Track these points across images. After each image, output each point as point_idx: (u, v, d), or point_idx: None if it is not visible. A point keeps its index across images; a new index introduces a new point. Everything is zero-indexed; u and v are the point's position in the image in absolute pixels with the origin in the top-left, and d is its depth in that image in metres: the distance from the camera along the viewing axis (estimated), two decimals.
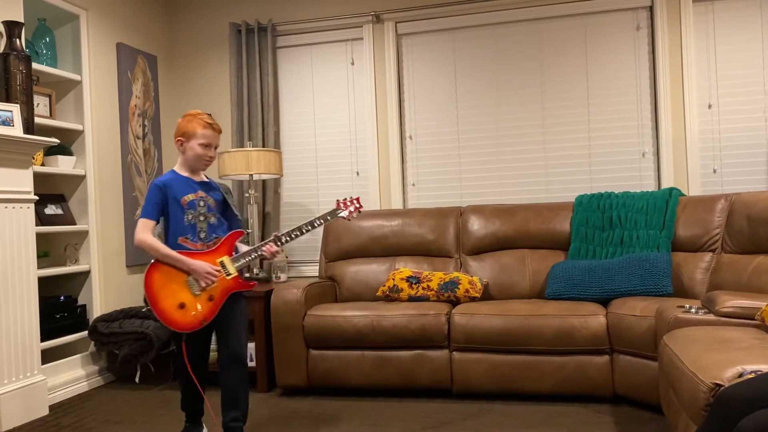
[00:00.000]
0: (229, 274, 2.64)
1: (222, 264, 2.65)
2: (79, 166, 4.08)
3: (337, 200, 2.90)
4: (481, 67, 4.45)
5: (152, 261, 2.63)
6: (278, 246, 2.73)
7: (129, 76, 4.48)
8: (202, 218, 2.67)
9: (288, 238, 2.76)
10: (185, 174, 2.74)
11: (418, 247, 4.12)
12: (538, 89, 4.35)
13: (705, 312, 2.66)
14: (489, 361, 3.36)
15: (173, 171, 2.76)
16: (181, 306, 2.58)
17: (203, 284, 2.59)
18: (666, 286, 3.34)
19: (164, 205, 2.65)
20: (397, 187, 4.54)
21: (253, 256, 2.70)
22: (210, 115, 2.80)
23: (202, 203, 2.69)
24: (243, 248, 2.80)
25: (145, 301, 3.82)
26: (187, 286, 2.60)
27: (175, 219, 2.65)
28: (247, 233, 2.78)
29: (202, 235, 2.67)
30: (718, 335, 2.32)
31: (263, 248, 2.70)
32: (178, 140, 2.74)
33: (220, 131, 2.77)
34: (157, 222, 2.66)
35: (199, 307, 2.59)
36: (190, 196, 2.67)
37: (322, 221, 2.81)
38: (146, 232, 2.61)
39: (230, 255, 2.68)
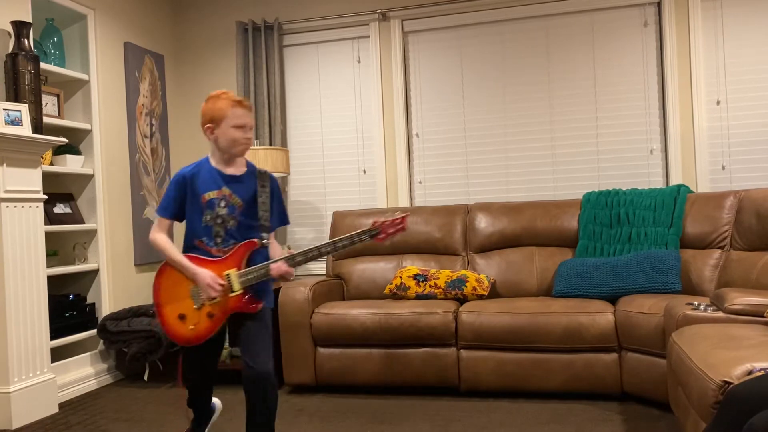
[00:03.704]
0: (233, 291, 2.35)
1: (228, 278, 2.37)
2: (87, 165, 4.10)
3: (375, 220, 2.43)
4: (487, 64, 4.44)
5: (164, 261, 2.49)
6: (290, 266, 2.39)
7: (136, 76, 4.50)
8: (219, 221, 2.39)
9: (303, 258, 2.40)
10: (216, 165, 2.46)
11: (425, 245, 4.11)
12: (545, 86, 4.34)
13: (714, 309, 2.64)
14: (497, 358, 3.36)
15: (206, 159, 2.50)
16: (181, 317, 2.40)
17: (204, 296, 2.36)
18: (674, 283, 3.33)
19: (183, 199, 2.44)
20: (404, 184, 4.54)
21: (262, 273, 2.38)
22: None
23: (223, 204, 2.41)
24: (275, 252, 2.52)
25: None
26: (191, 296, 2.40)
27: (192, 218, 2.43)
28: (263, 243, 2.45)
29: (218, 240, 2.41)
30: (727, 333, 2.30)
31: (272, 266, 2.39)
32: (207, 128, 2.43)
33: (251, 109, 2.44)
34: (173, 218, 2.47)
35: (197, 321, 2.37)
36: (211, 194, 2.40)
37: (348, 242, 2.39)
38: (158, 230, 2.46)
39: (239, 268, 2.39)
